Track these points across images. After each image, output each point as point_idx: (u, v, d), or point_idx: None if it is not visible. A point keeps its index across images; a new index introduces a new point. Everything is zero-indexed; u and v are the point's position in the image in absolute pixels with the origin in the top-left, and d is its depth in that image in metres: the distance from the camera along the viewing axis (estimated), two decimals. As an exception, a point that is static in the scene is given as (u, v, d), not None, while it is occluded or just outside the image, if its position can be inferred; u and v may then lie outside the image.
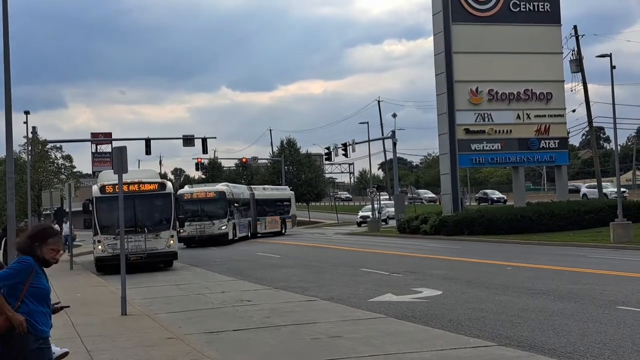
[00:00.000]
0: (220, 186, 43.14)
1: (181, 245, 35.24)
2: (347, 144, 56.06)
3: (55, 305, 6.22)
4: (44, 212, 46.14)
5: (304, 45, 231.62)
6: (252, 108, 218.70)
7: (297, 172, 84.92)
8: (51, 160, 48.16)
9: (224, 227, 40.28)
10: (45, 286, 5.82)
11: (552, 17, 41.71)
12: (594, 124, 51.38)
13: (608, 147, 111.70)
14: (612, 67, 32.02)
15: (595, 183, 51.08)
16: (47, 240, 5.81)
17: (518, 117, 41.06)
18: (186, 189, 43.99)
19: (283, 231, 50.98)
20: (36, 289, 5.72)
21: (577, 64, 46.98)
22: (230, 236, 40.98)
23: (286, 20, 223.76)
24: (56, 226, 31.24)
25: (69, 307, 6.98)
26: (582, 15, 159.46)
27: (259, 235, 47.10)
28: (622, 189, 58.35)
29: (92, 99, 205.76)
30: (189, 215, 40.05)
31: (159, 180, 28.07)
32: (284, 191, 55.66)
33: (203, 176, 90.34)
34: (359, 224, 58.22)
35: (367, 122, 61.53)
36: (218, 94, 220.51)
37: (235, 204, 43.40)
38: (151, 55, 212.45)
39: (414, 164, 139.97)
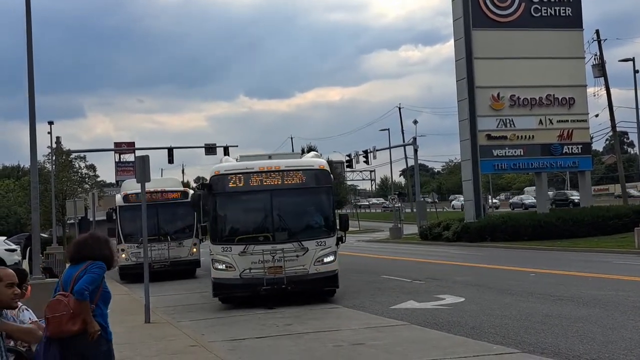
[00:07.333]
0: None
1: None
2: (368, 151, 56.00)
3: None
4: (68, 222, 46.57)
5: (319, 52, 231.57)
6: (270, 116, 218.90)
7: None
8: (75, 169, 48.72)
9: None
10: (110, 291, 6.12)
11: (574, 21, 41.41)
12: (618, 129, 50.89)
13: (632, 152, 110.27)
14: (635, 71, 31.81)
15: None
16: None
17: (540, 122, 40.76)
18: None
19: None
20: (106, 293, 5.96)
21: (600, 69, 46.49)
22: None
23: (298, 26, 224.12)
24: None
25: None
26: (600, 19, 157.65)
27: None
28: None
29: (110, 108, 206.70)
30: None
31: (182, 188, 28.31)
32: None
33: None
34: None
35: (388, 129, 61.42)
36: (236, 102, 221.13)
37: None
38: (166, 63, 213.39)
39: (435, 170, 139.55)
